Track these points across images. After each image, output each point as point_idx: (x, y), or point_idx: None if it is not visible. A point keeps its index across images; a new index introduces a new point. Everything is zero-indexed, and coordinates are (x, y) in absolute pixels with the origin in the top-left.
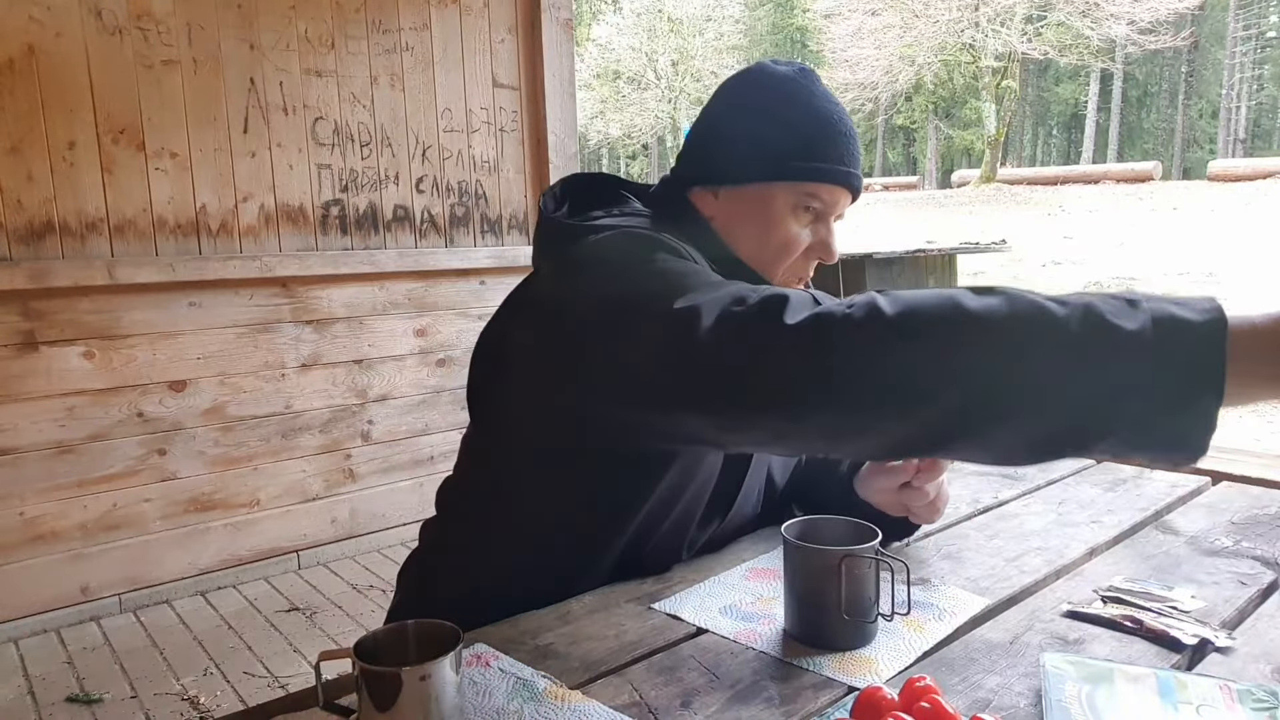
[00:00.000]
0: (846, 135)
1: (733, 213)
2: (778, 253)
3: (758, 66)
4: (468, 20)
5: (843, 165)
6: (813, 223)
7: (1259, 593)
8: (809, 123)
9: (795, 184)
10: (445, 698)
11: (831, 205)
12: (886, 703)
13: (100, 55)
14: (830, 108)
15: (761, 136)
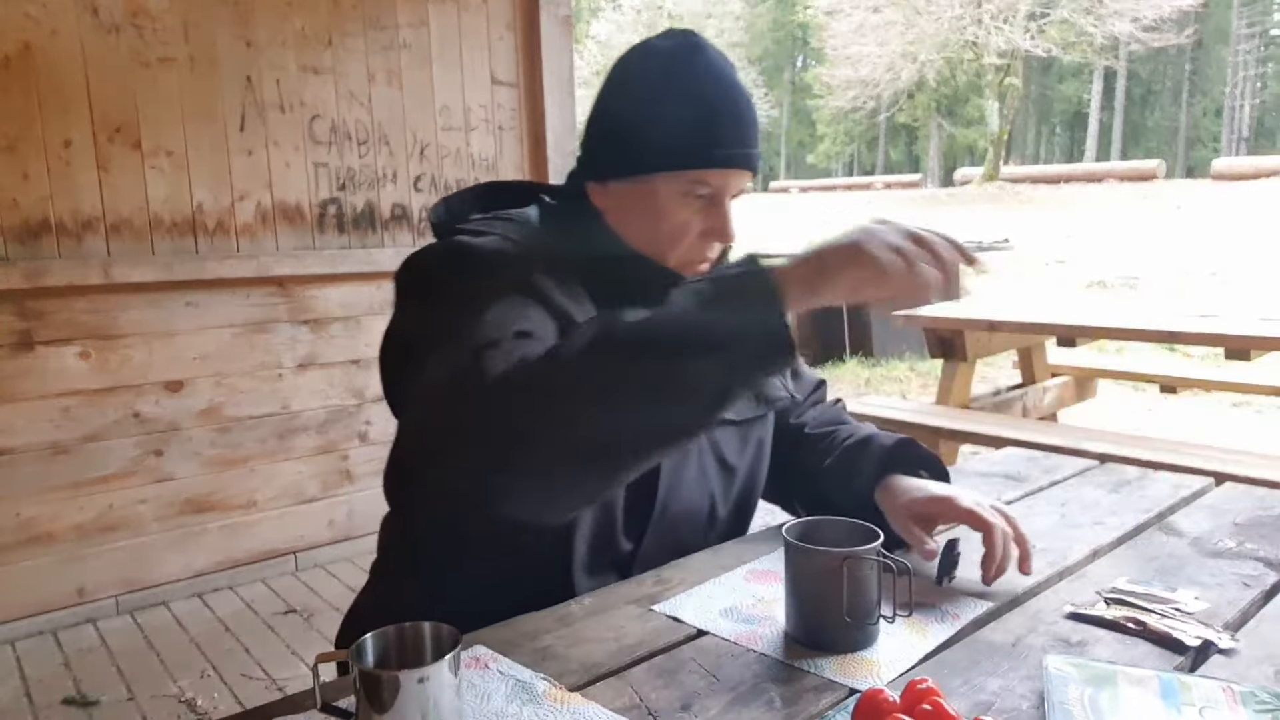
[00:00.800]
0: (730, 114)
1: (622, 205)
2: (669, 242)
3: (637, 48)
4: (465, 17)
5: (727, 148)
6: (705, 207)
7: (1262, 594)
8: (688, 108)
9: (679, 173)
10: (443, 700)
11: (722, 188)
12: (888, 705)
13: (96, 53)
14: (710, 87)
15: (641, 127)
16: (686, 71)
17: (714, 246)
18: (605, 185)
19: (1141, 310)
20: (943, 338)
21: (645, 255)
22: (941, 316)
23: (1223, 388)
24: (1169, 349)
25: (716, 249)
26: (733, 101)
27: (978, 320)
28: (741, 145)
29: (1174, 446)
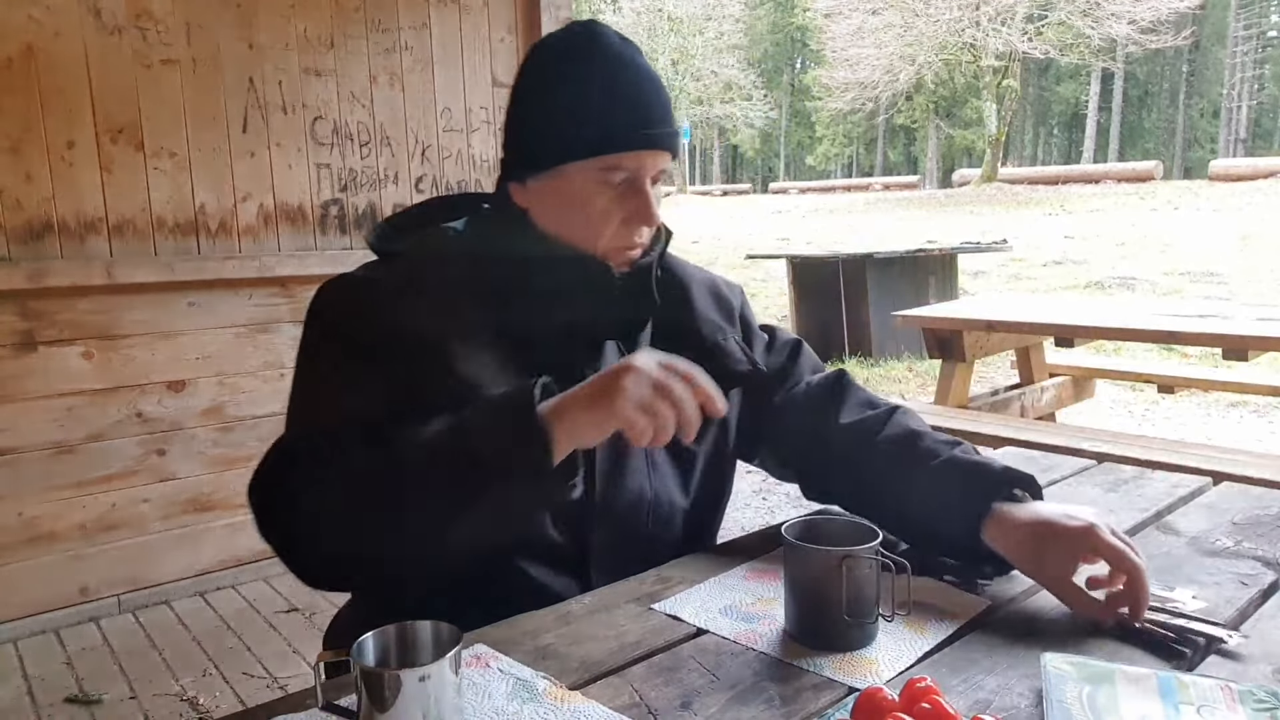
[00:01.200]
0: (632, 96)
1: (542, 201)
2: (591, 231)
3: (537, 44)
4: (467, 19)
5: (632, 130)
6: (623, 192)
7: (1260, 593)
8: (589, 95)
9: (589, 160)
10: (444, 698)
11: (637, 171)
12: (887, 703)
13: (99, 54)
14: (609, 72)
15: (545, 120)
16: (585, 59)
17: (640, 231)
18: (524, 184)
19: (1139, 310)
20: (941, 338)
21: (572, 249)
22: (941, 317)
23: (1220, 388)
24: (1166, 349)
25: (644, 234)
26: (634, 83)
27: (976, 320)
28: (647, 126)
29: (1171, 446)
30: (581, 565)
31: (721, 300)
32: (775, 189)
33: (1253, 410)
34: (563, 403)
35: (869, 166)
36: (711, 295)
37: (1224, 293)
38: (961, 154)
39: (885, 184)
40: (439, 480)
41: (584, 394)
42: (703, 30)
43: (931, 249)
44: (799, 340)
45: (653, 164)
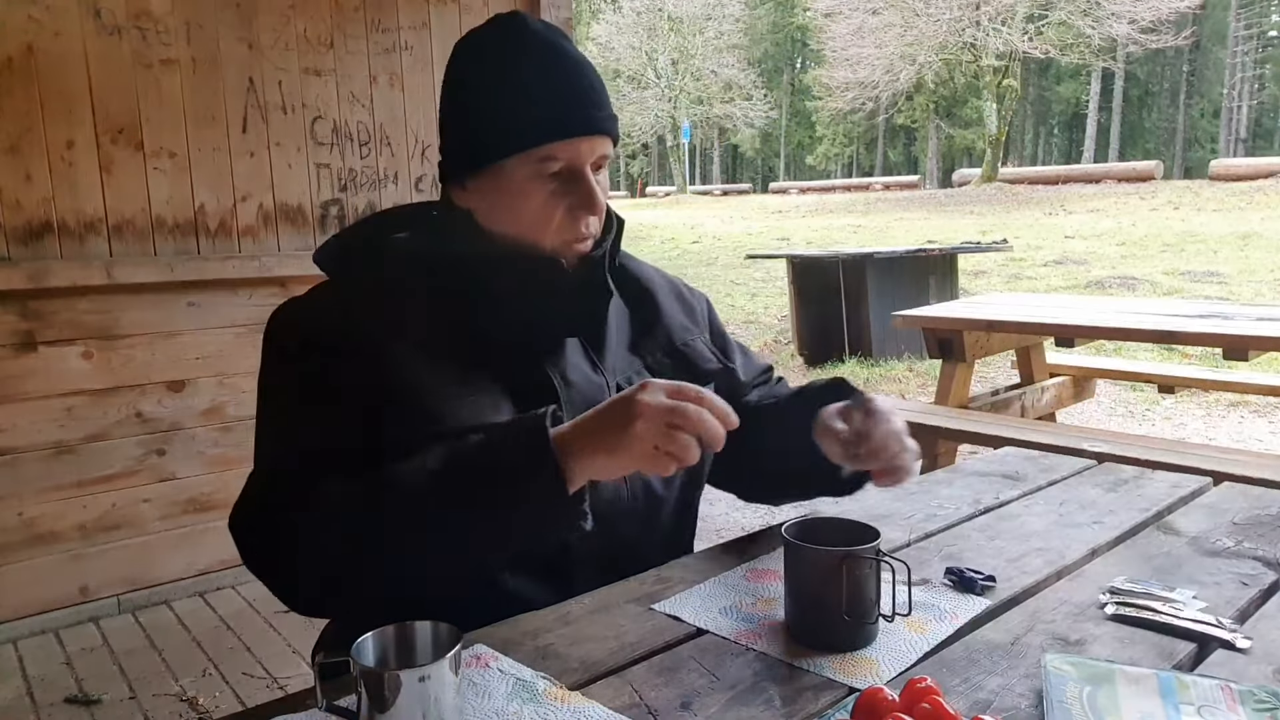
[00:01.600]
0: (558, 82)
1: (483, 199)
2: (536, 226)
3: (460, 41)
4: (467, 19)
5: (563, 117)
6: (564, 183)
7: (1260, 593)
8: (514, 86)
9: (523, 154)
10: (444, 699)
11: (575, 158)
12: (887, 704)
13: (99, 55)
14: (533, 60)
15: (476, 117)
16: (508, 51)
17: (587, 222)
18: (464, 186)
19: (1139, 311)
20: (941, 338)
21: (520, 246)
22: (940, 317)
23: (1220, 388)
24: (1167, 349)
25: (592, 224)
26: (563, 70)
27: (976, 320)
28: (579, 109)
29: (1172, 446)
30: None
31: (686, 303)
32: (775, 189)
33: (1253, 410)
34: (577, 438)
35: (869, 166)
36: (676, 298)
37: (1224, 293)
38: (962, 154)
39: (885, 184)
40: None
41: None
42: (703, 30)
43: (931, 249)
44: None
45: (590, 150)
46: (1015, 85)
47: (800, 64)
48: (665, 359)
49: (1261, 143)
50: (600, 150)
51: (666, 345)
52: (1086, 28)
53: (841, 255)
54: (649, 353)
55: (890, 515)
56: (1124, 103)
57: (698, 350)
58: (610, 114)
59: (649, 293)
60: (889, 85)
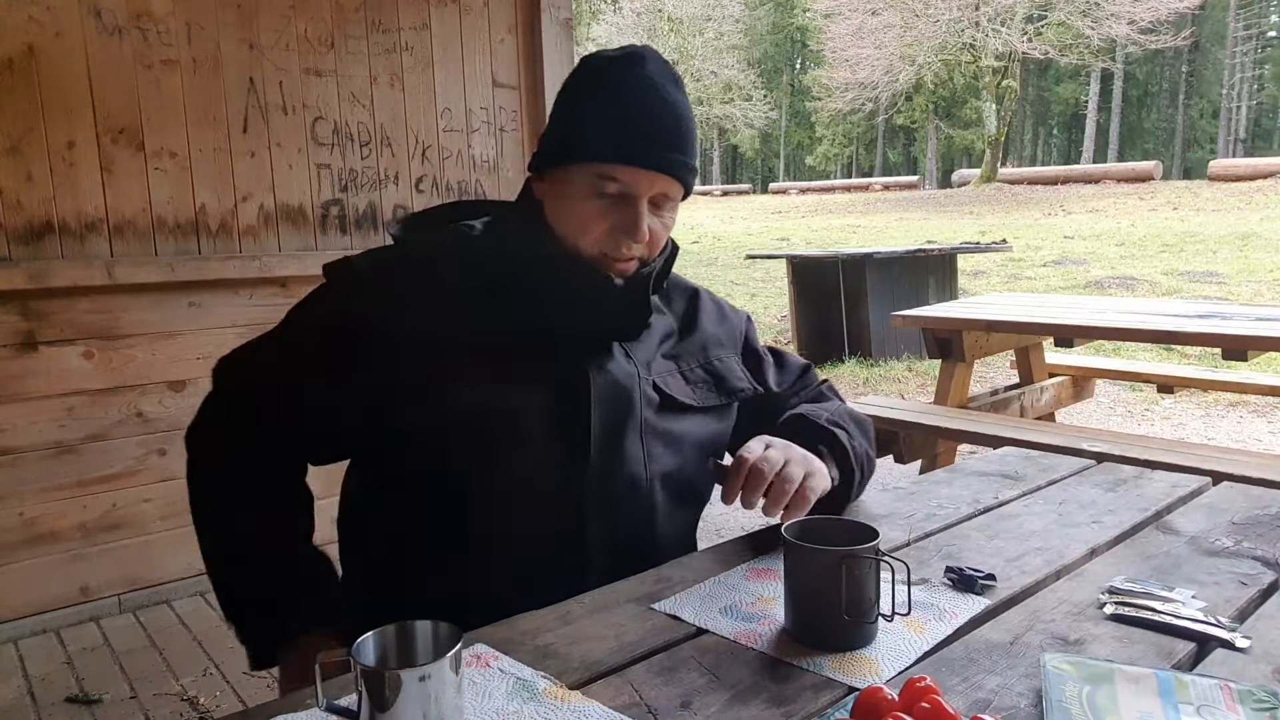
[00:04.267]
0: (644, 117)
1: (550, 195)
2: (577, 231)
3: (589, 56)
4: (467, 20)
5: (633, 146)
6: (616, 204)
7: (1260, 593)
8: (609, 107)
9: (588, 165)
10: (445, 698)
11: (633, 186)
12: (887, 703)
13: (99, 55)
14: (633, 92)
15: (566, 123)
16: (618, 77)
17: (628, 244)
18: (543, 178)
19: (1139, 311)
20: (941, 338)
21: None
22: (940, 317)
23: (1220, 388)
24: (1166, 349)
25: (634, 248)
26: (651, 107)
27: (976, 320)
28: (651, 145)
29: (1171, 446)
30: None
31: (726, 322)
32: (775, 189)
33: (1252, 410)
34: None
35: (869, 167)
36: (717, 316)
37: (1223, 293)
38: (961, 154)
39: (885, 184)
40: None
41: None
42: (703, 30)
43: (931, 249)
44: (808, 364)
45: (649, 184)
46: (1014, 86)
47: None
48: (700, 370)
49: (1260, 143)
50: (662, 189)
51: (702, 357)
52: (1085, 28)
53: (841, 255)
54: (685, 362)
55: (890, 515)
56: (1123, 103)
57: (730, 368)
58: (684, 162)
59: (693, 306)
60: (888, 86)
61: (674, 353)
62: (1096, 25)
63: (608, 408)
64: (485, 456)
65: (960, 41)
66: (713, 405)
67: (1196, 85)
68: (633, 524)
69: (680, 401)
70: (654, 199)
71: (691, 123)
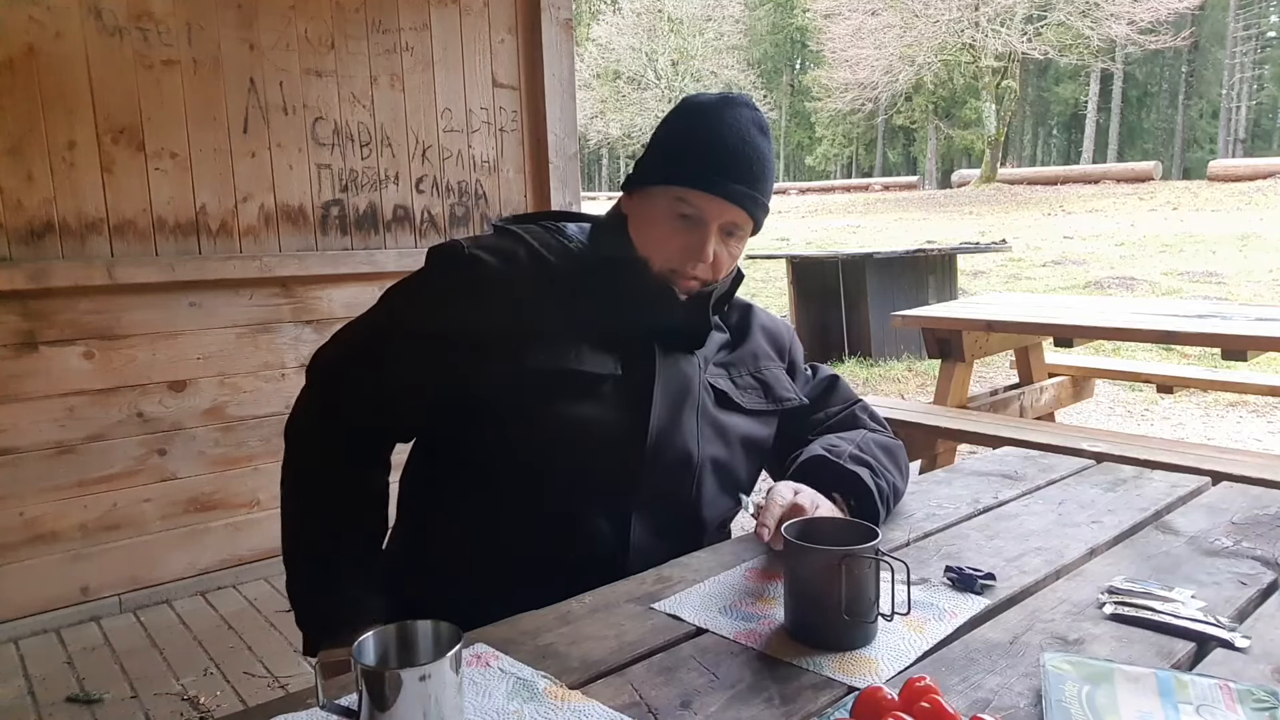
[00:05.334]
0: (725, 150)
1: (635, 212)
2: (651, 247)
3: (689, 96)
4: (467, 20)
5: (710, 174)
6: (688, 226)
7: (1259, 593)
8: (697, 139)
9: (667, 188)
10: (445, 698)
11: (704, 211)
12: (887, 703)
13: (100, 55)
14: (721, 128)
15: (656, 148)
16: (711, 114)
17: (695, 265)
18: (631, 195)
19: (1138, 311)
20: (940, 338)
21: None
22: (940, 317)
23: (1219, 388)
24: (1166, 349)
25: (700, 269)
26: (733, 145)
27: (975, 320)
28: (727, 178)
29: (1170, 446)
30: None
31: (776, 337)
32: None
33: (1252, 410)
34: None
35: (868, 167)
36: (769, 331)
37: (1222, 293)
38: (961, 154)
39: (885, 184)
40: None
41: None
42: (703, 30)
43: (931, 249)
44: (835, 376)
45: (719, 212)
46: (1014, 86)
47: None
48: (750, 377)
49: (1260, 143)
50: (731, 218)
51: (752, 366)
52: (1085, 28)
53: (841, 256)
54: (737, 370)
55: (890, 515)
56: (1123, 103)
57: (778, 377)
58: (756, 198)
59: (745, 320)
60: (888, 86)
61: (726, 361)
62: (1096, 25)
63: (670, 383)
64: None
65: (960, 42)
66: (760, 410)
67: (1196, 85)
68: (680, 496)
69: (731, 399)
70: (723, 226)
71: (769, 165)
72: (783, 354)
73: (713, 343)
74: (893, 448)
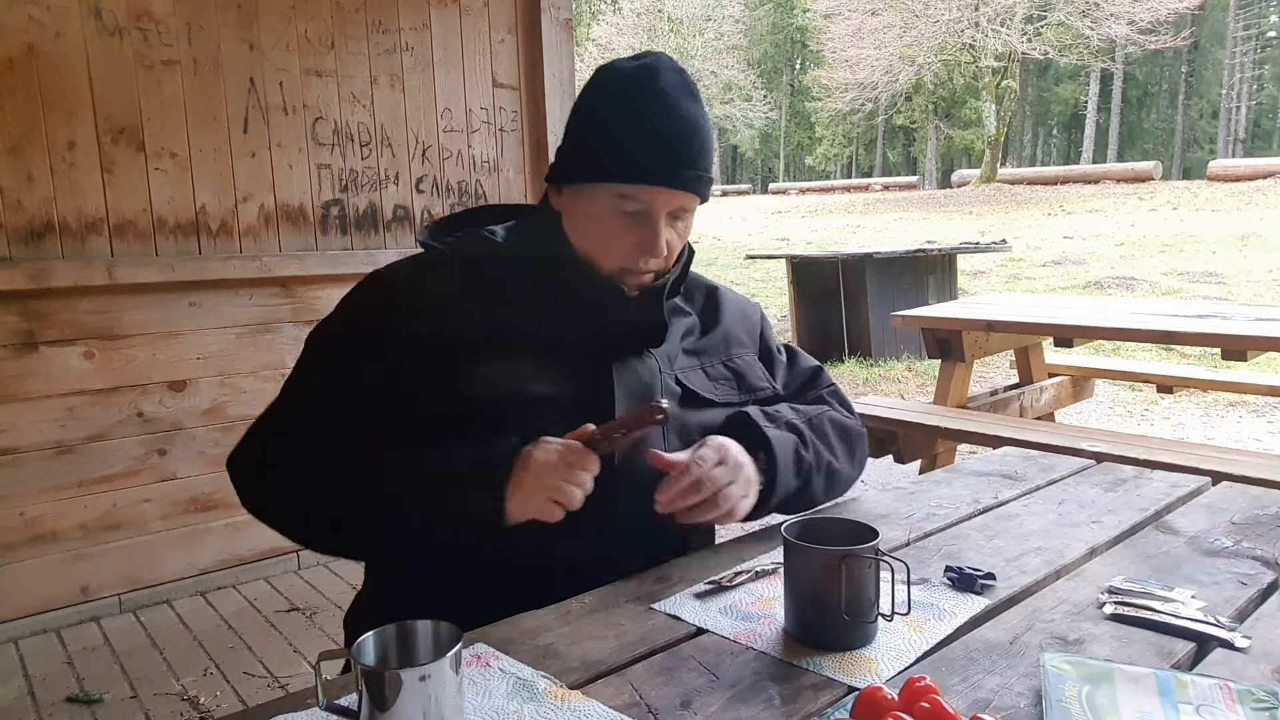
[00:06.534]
0: (662, 136)
1: (571, 209)
2: (598, 249)
3: (604, 66)
4: (467, 20)
5: (651, 167)
6: (635, 221)
7: (1259, 593)
8: (628, 126)
9: (608, 185)
10: (445, 698)
11: (651, 205)
12: (887, 703)
13: (100, 55)
14: (650, 109)
15: (584, 138)
16: (635, 92)
17: (647, 260)
18: (560, 191)
19: (1138, 311)
20: (940, 338)
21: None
22: (940, 317)
23: (1219, 388)
24: (1165, 349)
25: (651, 263)
26: (670, 124)
27: (975, 321)
28: (670, 164)
29: (1170, 446)
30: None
31: (746, 320)
32: (775, 189)
33: (1252, 410)
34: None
35: (868, 167)
36: (739, 314)
37: (1222, 293)
38: (961, 154)
39: (885, 184)
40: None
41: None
42: (702, 31)
43: (931, 249)
44: (819, 367)
45: (667, 201)
46: (1014, 86)
47: (800, 65)
48: (722, 366)
49: (1260, 143)
50: (679, 203)
51: (724, 354)
52: (1085, 29)
53: (841, 256)
54: (708, 359)
55: (890, 515)
56: (1123, 103)
57: (750, 365)
58: (701, 175)
59: (713, 304)
60: (888, 86)
61: (696, 349)
62: (1096, 25)
63: (631, 398)
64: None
65: (960, 42)
66: (731, 402)
67: (1196, 85)
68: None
69: (701, 396)
70: (672, 212)
71: (708, 134)
72: (754, 337)
73: (679, 328)
74: (850, 431)
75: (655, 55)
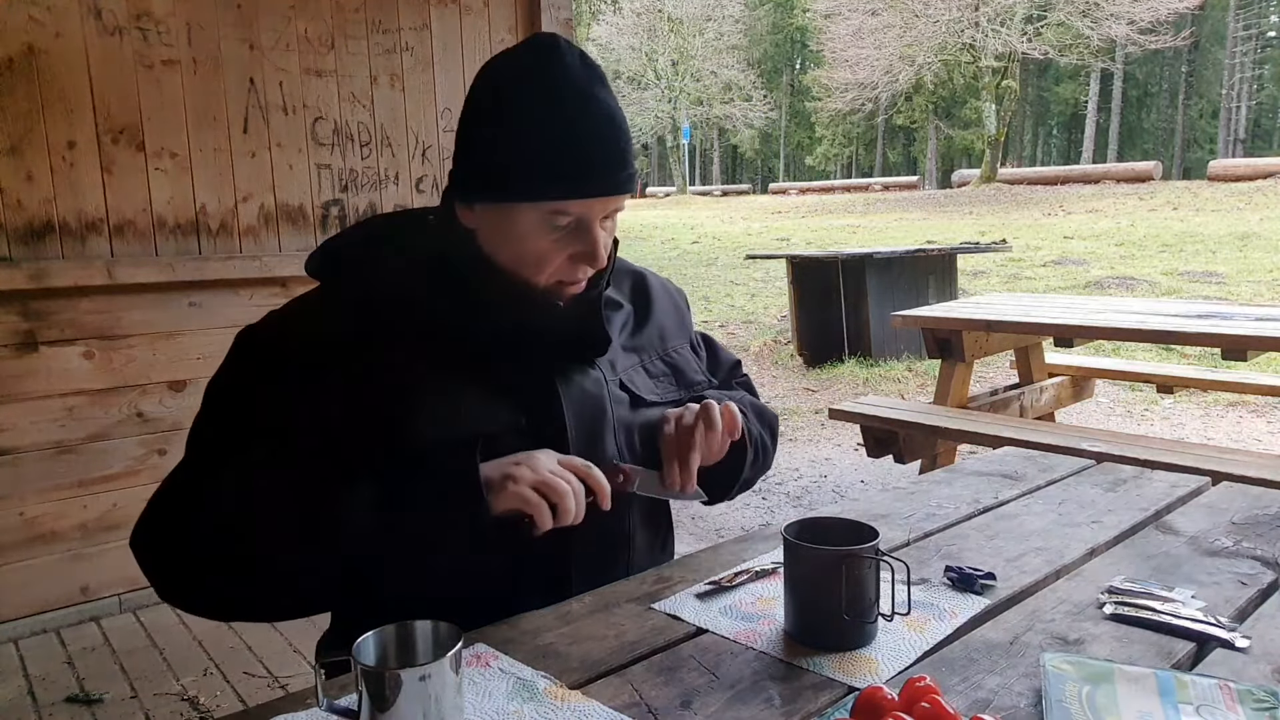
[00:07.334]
0: (586, 141)
1: (488, 227)
2: (533, 268)
3: (497, 59)
4: (467, 20)
5: (581, 179)
6: (570, 233)
7: (1259, 593)
8: (542, 133)
9: (536, 205)
10: (445, 698)
11: (588, 214)
12: (887, 703)
13: (100, 55)
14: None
15: (496, 152)
16: (542, 90)
17: (584, 269)
18: (472, 208)
19: (1138, 311)
20: (940, 338)
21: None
22: (940, 317)
23: (1219, 388)
24: (1166, 349)
25: (588, 271)
26: (589, 123)
27: (975, 320)
28: (600, 171)
29: (1170, 446)
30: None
31: (677, 310)
32: (775, 189)
33: (1251, 410)
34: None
35: (868, 167)
36: (669, 304)
37: (1222, 293)
38: (961, 154)
39: (885, 184)
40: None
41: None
42: (703, 30)
43: (931, 249)
44: (738, 361)
45: (602, 208)
46: (1014, 86)
47: (800, 65)
48: (660, 362)
49: (1260, 143)
50: (613, 206)
51: (661, 349)
52: (1085, 28)
53: (841, 255)
54: (647, 355)
55: (890, 515)
56: (1123, 103)
57: (687, 360)
58: (630, 172)
59: (642, 292)
60: (888, 86)
61: (634, 345)
62: (1096, 25)
63: (582, 416)
64: None
65: (960, 42)
66: (673, 399)
67: (1196, 85)
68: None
69: (645, 399)
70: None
71: (625, 127)
72: (685, 326)
73: (616, 323)
74: (765, 412)
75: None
